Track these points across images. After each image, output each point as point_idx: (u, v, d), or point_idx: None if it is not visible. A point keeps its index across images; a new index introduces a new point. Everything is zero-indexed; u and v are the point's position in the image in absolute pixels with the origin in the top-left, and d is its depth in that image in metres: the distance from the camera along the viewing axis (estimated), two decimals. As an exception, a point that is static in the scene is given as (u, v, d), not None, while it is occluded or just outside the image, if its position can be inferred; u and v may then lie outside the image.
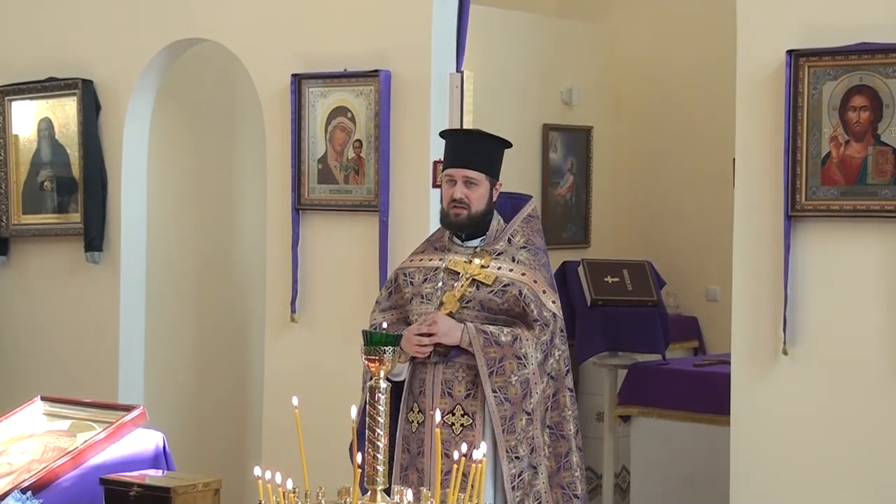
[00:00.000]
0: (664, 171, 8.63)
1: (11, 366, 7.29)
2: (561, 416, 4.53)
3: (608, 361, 7.19)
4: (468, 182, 4.57)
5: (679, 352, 8.01)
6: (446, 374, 4.50)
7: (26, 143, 7.18)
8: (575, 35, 8.64)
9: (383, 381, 3.29)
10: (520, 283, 4.49)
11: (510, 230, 4.63)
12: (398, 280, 4.71)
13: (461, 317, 4.49)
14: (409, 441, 4.55)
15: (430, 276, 4.60)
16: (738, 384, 5.11)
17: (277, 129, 6.34)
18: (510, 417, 4.40)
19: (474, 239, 4.65)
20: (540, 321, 4.46)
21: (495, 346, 4.42)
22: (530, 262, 4.56)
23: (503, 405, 4.40)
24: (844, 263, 4.88)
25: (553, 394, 4.51)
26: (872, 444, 4.83)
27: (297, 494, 3.16)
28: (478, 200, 4.57)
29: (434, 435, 4.40)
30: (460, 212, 4.58)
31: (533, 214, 4.72)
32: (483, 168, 4.58)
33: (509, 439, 4.40)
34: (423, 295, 4.58)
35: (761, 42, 5.02)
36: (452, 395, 4.49)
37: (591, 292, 7.07)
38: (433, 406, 4.48)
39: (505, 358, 4.41)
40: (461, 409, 4.47)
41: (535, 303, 4.46)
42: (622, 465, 7.40)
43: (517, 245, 4.59)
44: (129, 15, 6.86)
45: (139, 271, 6.99)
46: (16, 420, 4.48)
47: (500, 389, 4.41)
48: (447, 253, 4.65)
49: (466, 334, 4.44)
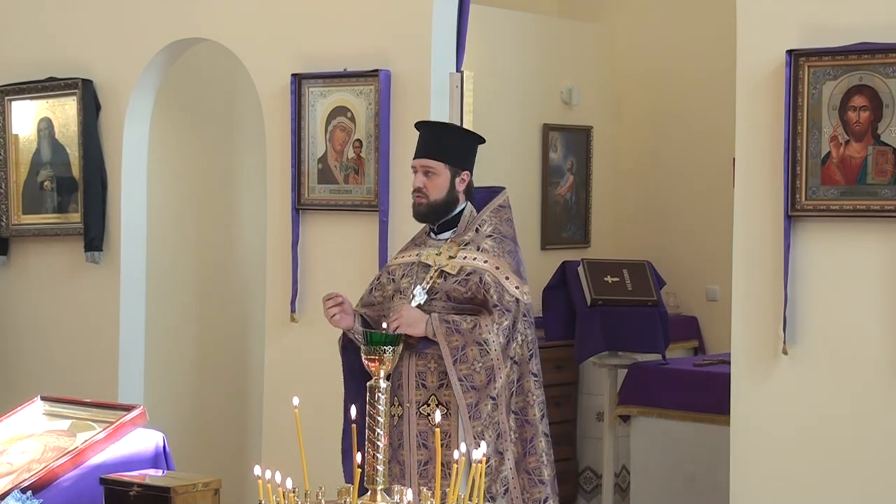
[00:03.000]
0: (664, 171, 8.63)
1: (11, 366, 7.29)
2: (525, 400, 4.55)
3: (608, 361, 7.19)
4: (427, 171, 4.65)
5: (679, 352, 8.02)
6: (419, 365, 4.55)
7: (26, 142, 7.18)
8: (575, 35, 8.64)
9: (383, 380, 3.30)
10: (481, 270, 4.53)
11: (478, 220, 4.68)
12: (381, 278, 4.81)
13: (430, 308, 4.54)
14: (390, 434, 4.57)
15: (408, 271, 4.68)
16: (738, 384, 5.11)
17: (277, 129, 6.34)
18: (476, 404, 4.44)
19: (446, 231, 4.70)
20: (500, 306, 4.48)
21: (457, 333, 4.46)
22: (494, 249, 4.60)
23: (469, 392, 4.44)
24: (844, 263, 4.88)
25: (517, 378, 4.54)
26: (872, 443, 4.83)
27: (297, 494, 3.16)
28: (435, 189, 4.63)
29: (412, 427, 4.50)
30: (420, 200, 4.67)
31: (504, 204, 4.76)
32: (441, 157, 4.63)
33: (475, 425, 4.43)
34: (401, 290, 4.66)
35: (761, 42, 5.02)
36: (426, 386, 4.54)
37: (591, 292, 7.07)
38: (409, 398, 4.53)
39: (467, 345, 4.45)
40: (435, 399, 4.52)
41: (495, 287, 4.50)
42: (622, 465, 7.40)
43: (484, 234, 4.64)
44: (129, 15, 6.86)
45: (139, 271, 6.99)
46: (16, 420, 4.48)
47: (466, 378, 4.45)
48: (423, 247, 4.72)
49: (430, 325, 4.49)
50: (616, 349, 7.14)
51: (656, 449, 6.75)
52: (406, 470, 4.52)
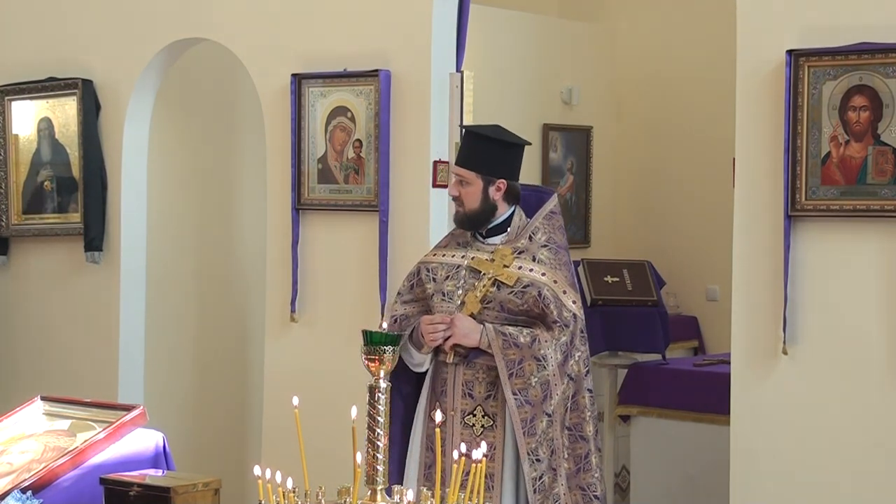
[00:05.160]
0: (664, 171, 8.63)
1: (11, 366, 7.29)
2: (580, 417, 4.47)
3: (608, 361, 7.19)
4: (460, 181, 4.57)
5: (679, 351, 8.02)
6: (467, 375, 4.47)
7: (26, 142, 7.18)
8: (575, 35, 8.65)
9: (383, 380, 3.29)
10: (540, 284, 4.44)
11: (531, 227, 4.57)
12: (420, 274, 4.65)
13: (481, 318, 4.45)
14: (432, 440, 4.53)
15: (453, 274, 4.55)
16: (738, 384, 5.11)
17: (277, 129, 6.34)
18: (531, 419, 4.36)
19: (496, 236, 4.60)
20: (559, 322, 4.42)
21: (514, 347, 4.38)
22: (551, 261, 4.51)
23: (523, 407, 4.36)
24: (844, 263, 4.88)
25: (572, 395, 4.46)
26: (872, 443, 4.83)
27: (297, 494, 3.16)
28: (469, 199, 4.54)
29: (455, 435, 4.43)
30: (459, 209, 4.59)
31: (555, 210, 4.65)
32: (472, 166, 4.54)
33: (530, 441, 4.35)
34: (444, 292, 4.54)
35: (761, 42, 5.02)
36: (473, 396, 4.46)
37: (591, 292, 7.07)
38: (454, 407, 4.46)
39: (524, 359, 4.37)
40: (482, 410, 4.45)
41: (554, 303, 4.42)
42: (622, 465, 7.40)
43: (538, 243, 4.54)
44: (129, 15, 6.86)
45: (139, 271, 6.99)
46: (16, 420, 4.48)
47: (521, 391, 4.37)
48: (469, 249, 4.60)
49: (485, 336, 4.40)
50: (616, 349, 7.14)
51: (656, 449, 6.74)
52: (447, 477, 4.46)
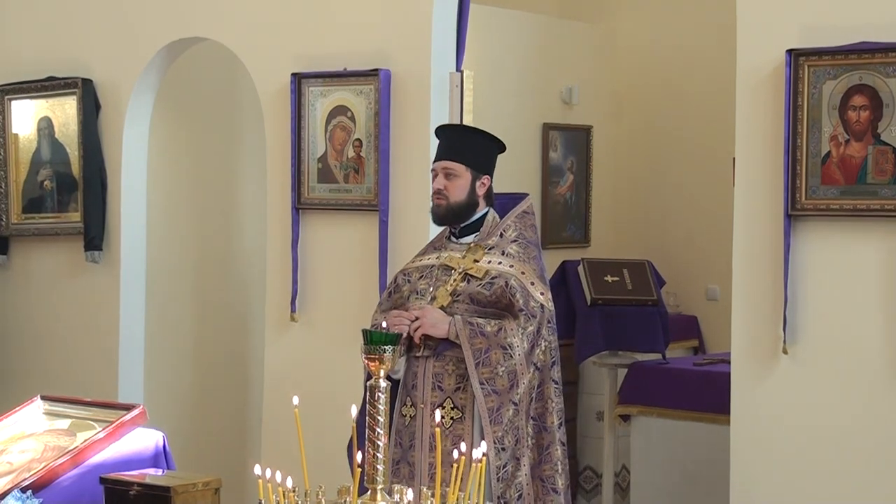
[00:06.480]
0: (664, 171, 8.63)
1: (11, 366, 7.29)
2: (544, 407, 4.52)
3: (608, 361, 7.19)
4: (448, 173, 4.63)
5: (679, 351, 8.02)
6: (436, 367, 4.52)
7: (26, 142, 7.18)
8: (575, 35, 8.65)
9: (383, 380, 3.29)
10: (507, 275, 4.51)
11: (503, 225, 4.66)
12: (397, 281, 4.77)
13: (452, 310, 4.51)
14: (401, 435, 4.57)
15: (426, 273, 4.66)
16: (738, 383, 5.11)
17: (277, 129, 6.34)
18: (497, 408, 4.41)
19: (468, 235, 4.68)
20: (525, 311, 4.47)
21: (481, 336, 4.43)
22: (519, 254, 4.59)
23: (490, 396, 4.41)
24: (844, 263, 4.89)
25: (538, 385, 4.51)
26: (872, 443, 4.83)
27: (297, 493, 3.16)
28: (456, 191, 4.61)
29: (425, 428, 4.46)
30: (439, 202, 4.64)
31: (528, 211, 4.75)
32: (462, 159, 4.62)
33: (496, 430, 4.40)
34: (418, 291, 4.63)
35: (761, 42, 5.02)
36: (443, 388, 4.51)
37: (591, 291, 7.07)
38: (424, 400, 4.50)
39: (491, 348, 4.42)
40: (451, 402, 4.50)
41: (521, 293, 4.48)
42: (622, 465, 7.40)
43: (509, 239, 4.63)
44: (129, 15, 6.86)
45: (139, 271, 6.99)
46: (16, 419, 4.48)
47: (487, 381, 4.42)
48: (444, 251, 4.70)
49: (453, 326, 4.47)
50: (616, 348, 7.14)
51: (656, 448, 6.74)
52: (416, 471, 4.50)
